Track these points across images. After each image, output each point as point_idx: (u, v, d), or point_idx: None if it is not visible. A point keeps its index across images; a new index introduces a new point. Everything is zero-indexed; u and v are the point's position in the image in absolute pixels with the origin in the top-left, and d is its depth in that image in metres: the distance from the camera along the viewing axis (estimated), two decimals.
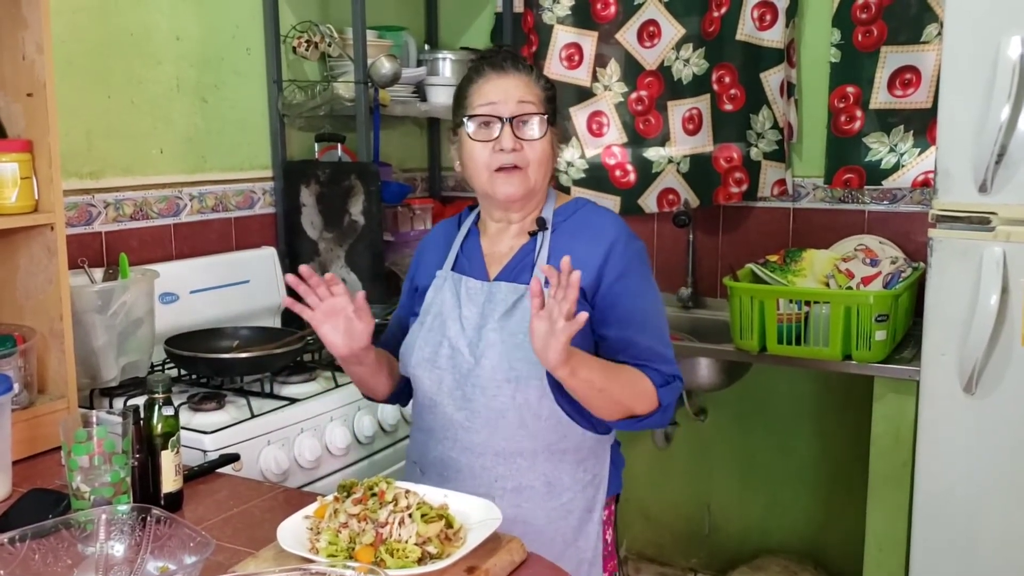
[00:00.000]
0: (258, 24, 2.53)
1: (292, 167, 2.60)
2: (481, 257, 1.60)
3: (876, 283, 2.33)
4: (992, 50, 1.90)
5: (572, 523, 1.55)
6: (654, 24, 2.84)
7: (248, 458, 1.78)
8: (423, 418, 1.60)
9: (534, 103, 1.51)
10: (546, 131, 1.52)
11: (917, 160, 2.55)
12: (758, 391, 2.87)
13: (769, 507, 2.95)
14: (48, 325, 1.69)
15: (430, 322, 1.58)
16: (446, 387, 1.53)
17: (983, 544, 2.03)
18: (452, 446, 1.54)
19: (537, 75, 1.56)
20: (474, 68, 1.57)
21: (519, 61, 1.56)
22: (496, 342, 1.49)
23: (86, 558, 1.15)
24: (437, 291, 1.60)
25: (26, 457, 1.61)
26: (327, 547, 1.16)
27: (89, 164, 2.15)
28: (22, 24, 1.63)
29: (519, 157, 1.50)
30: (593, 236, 1.53)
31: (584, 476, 1.55)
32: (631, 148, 2.92)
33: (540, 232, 1.55)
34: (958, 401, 2.02)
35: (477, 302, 1.54)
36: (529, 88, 1.52)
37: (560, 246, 1.53)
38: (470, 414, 1.51)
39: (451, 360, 1.53)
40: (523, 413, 1.48)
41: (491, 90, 1.52)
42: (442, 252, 1.65)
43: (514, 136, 1.50)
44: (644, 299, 1.52)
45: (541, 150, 1.51)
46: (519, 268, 1.55)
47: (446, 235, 1.68)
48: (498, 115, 1.50)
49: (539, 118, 1.51)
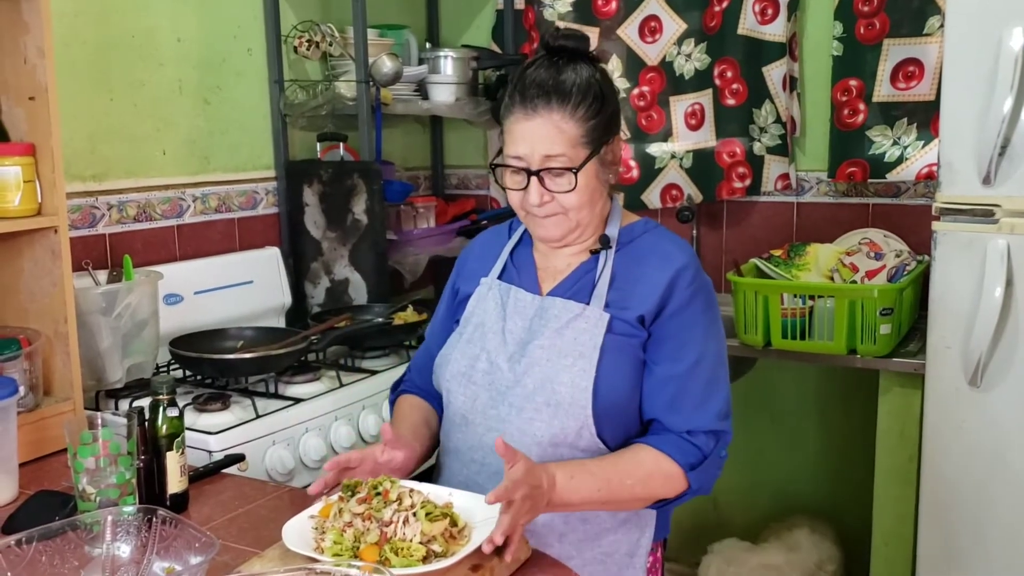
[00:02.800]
0: (259, 24, 2.53)
1: (295, 167, 2.61)
2: (534, 269, 1.49)
3: (880, 277, 2.33)
4: (994, 42, 1.89)
5: (611, 569, 1.42)
6: (655, 19, 2.83)
7: (253, 458, 1.78)
8: (451, 437, 1.48)
9: (564, 153, 1.35)
10: (575, 184, 1.35)
11: (921, 153, 2.54)
12: (763, 386, 2.87)
13: (775, 502, 2.95)
14: (53, 328, 1.70)
15: (470, 333, 1.48)
16: (480, 405, 1.42)
17: (990, 537, 2.03)
18: (479, 470, 1.42)
19: (580, 96, 1.35)
20: (511, 90, 1.40)
21: (557, 86, 1.35)
22: (542, 360, 1.38)
23: (93, 559, 1.16)
24: (480, 300, 1.50)
25: (32, 459, 1.61)
26: (332, 546, 1.16)
27: (92, 166, 2.16)
28: (23, 28, 1.63)
29: (553, 207, 1.39)
30: (661, 262, 1.41)
31: (627, 516, 1.42)
32: (634, 144, 2.92)
33: (603, 250, 1.44)
34: (963, 394, 2.02)
35: (525, 315, 1.44)
36: (561, 133, 1.35)
37: (624, 268, 1.42)
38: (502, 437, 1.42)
39: (488, 376, 1.42)
40: (559, 441, 1.37)
41: (519, 138, 1.37)
42: (489, 260, 1.54)
43: (542, 188, 1.37)
44: (704, 338, 1.40)
45: (577, 197, 1.37)
46: (577, 287, 1.43)
47: (493, 243, 1.57)
48: (524, 167, 1.37)
49: (567, 173, 1.35)
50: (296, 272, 2.61)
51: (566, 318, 1.40)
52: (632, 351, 1.39)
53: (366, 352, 2.30)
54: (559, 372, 1.37)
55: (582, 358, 1.37)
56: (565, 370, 1.36)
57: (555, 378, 1.37)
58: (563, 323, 1.39)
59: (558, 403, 1.36)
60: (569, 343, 1.38)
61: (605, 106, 1.39)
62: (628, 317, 1.39)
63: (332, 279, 2.58)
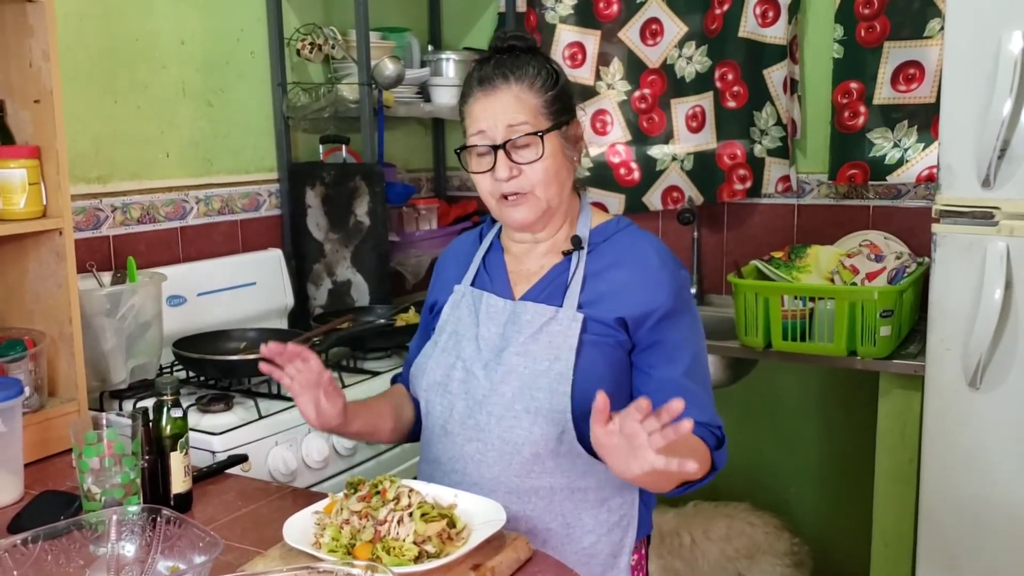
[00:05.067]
0: (262, 27, 2.55)
1: (297, 169, 2.62)
2: (505, 274, 1.48)
3: (881, 279, 2.33)
4: (993, 45, 1.90)
5: (595, 571, 1.40)
6: (656, 22, 2.84)
7: (256, 459, 1.79)
8: (431, 448, 1.47)
9: (527, 121, 1.37)
10: (542, 152, 1.37)
11: (921, 155, 2.55)
12: (763, 388, 2.87)
13: (776, 504, 2.95)
14: (58, 329, 1.71)
15: (444, 341, 1.47)
16: (457, 415, 1.41)
17: (990, 538, 2.03)
18: (461, 480, 1.40)
19: (536, 73, 1.40)
20: (466, 83, 1.44)
21: (513, 64, 1.40)
22: (518, 367, 1.36)
23: (98, 558, 1.17)
24: (454, 308, 1.49)
25: (37, 460, 1.62)
26: (330, 542, 1.18)
27: (96, 169, 2.17)
28: (28, 32, 1.64)
29: (522, 182, 1.38)
30: (639, 264, 1.41)
31: (609, 517, 1.41)
32: (635, 146, 2.93)
33: (575, 252, 1.43)
34: (963, 395, 2.03)
35: (498, 322, 1.42)
36: (521, 103, 1.37)
37: (598, 268, 1.42)
38: (482, 446, 1.38)
39: (464, 385, 1.41)
40: (540, 448, 1.35)
41: (480, 115, 1.39)
42: (462, 267, 1.53)
43: (510, 162, 1.37)
44: (694, 336, 1.40)
45: (545, 170, 1.37)
46: (549, 289, 1.42)
47: (466, 249, 1.56)
48: (489, 143, 1.38)
49: (533, 138, 1.36)
50: (298, 274, 2.62)
51: (539, 322, 1.39)
52: (609, 351, 1.38)
53: (368, 353, 2.31)
54: (536, 378, 1.35)
55: (558, 361, 1.36)
56: (542, 375, 1.35)
57: (533, 384, 1.35)
58: (536, 327, 1.38)
59: (537, 409, 1.35)
60: (544, 347, 1.37)
61: (561, 84, 1.43)
62: (604, 318, 1.38)
63: (334, 281, 2.59)
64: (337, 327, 2.24)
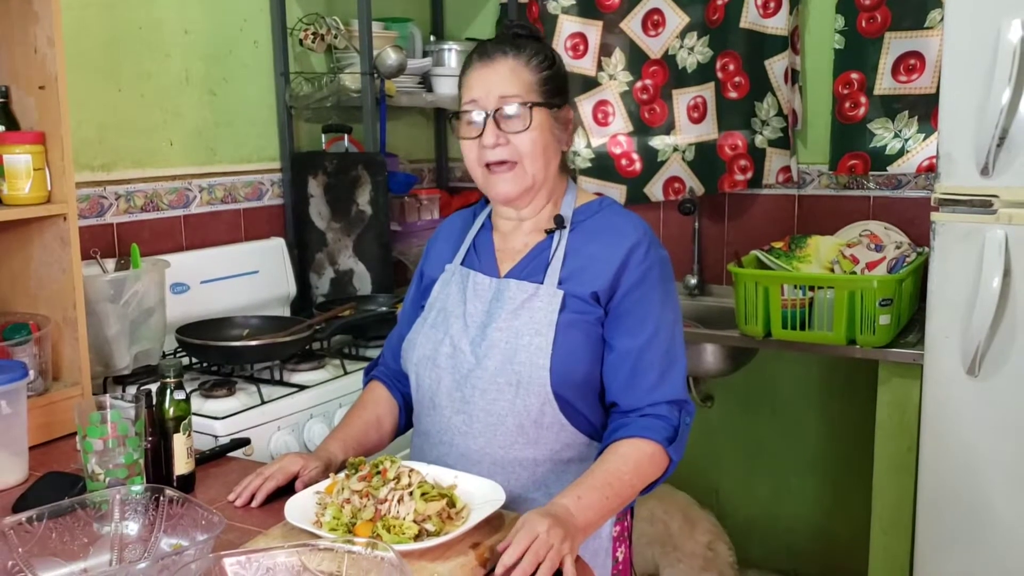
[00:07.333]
0: (265, 17, 2.55)
1: (300, 158, 2.63)
2: (492, 253, 1.53)
3: (881, 268, 2.34)
4: (992, 34, 1.90)
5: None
6: (658, 13, 2.85)
7: (259, 444, 1.81)
8: (421, 420, 1.54)
9: (519, 94, 1.41)
10: (530, 122, 1.41)
11: (922, 146, 2.56)
12: (764, 377, 2.88)
13: (776, 492, 2.97)
14: (62, 314, 1.73)
15: (433, 318, 1.52)
16: (444, 388, 1.46)
17: (988, 526, 2.04)
18: (448, 451, 1.46)
19: (533, 53, 1.45)
20: (467, 57, 1.50)
21: (514, 43, 1.45)
22: (500, 342, 1.41)
23: (101, 536, 1.18)
24: (444, 286, 1.55)
25: (42, 443, 1.64)
26: (330, 521, 1.20)
27: (101, 156, 2.18)
28: (33, 19, 1.66)
29: (508, 151, 1.42)
30: (613, 239, 1.44)
31: None
32: (636, 137, 2.93)
33: (557, 230, 1.47)
34: (962, 383, 2.03)
35: (484, 299, 1.47)
36: (516, 76, 1.42)
37: (578, 246, 1.46)
38: (468, 418, 1.43)
39: (451, 359, 1.46)
40: (523, 420, 1.40)
41: (475, 84, 1.44)
42: (454, 245, 1.59)
43: (498, 130, 1.41)
44: (660, 310, 1.42)
45: (531, 141, 1.41)
46: (533, 266, 1.47)
47: (459, 227, 1.62)
48: (480, 110, 1.43)
49: (522, 109, 1.41)
50: (301, 262, 2.63)
51: (521, 299, 1.43)
52: (587, 327, 1.42)
53: (370, 341, 2.32)
54: (517, 352, 1.40)
55: (538, 335, 1.40)
56: (523, 349, 1.40)
57: (514, 358, 1.40)
58: (518, 304, 1.43)
59: (519, 382, 1.39)
60: (525, 323, 1.41)
61: (557, 67, 1.48)
62: (582, 294, 1.42)
63: (336, 269, 2.60)
64: (339, 315, 2.26)
